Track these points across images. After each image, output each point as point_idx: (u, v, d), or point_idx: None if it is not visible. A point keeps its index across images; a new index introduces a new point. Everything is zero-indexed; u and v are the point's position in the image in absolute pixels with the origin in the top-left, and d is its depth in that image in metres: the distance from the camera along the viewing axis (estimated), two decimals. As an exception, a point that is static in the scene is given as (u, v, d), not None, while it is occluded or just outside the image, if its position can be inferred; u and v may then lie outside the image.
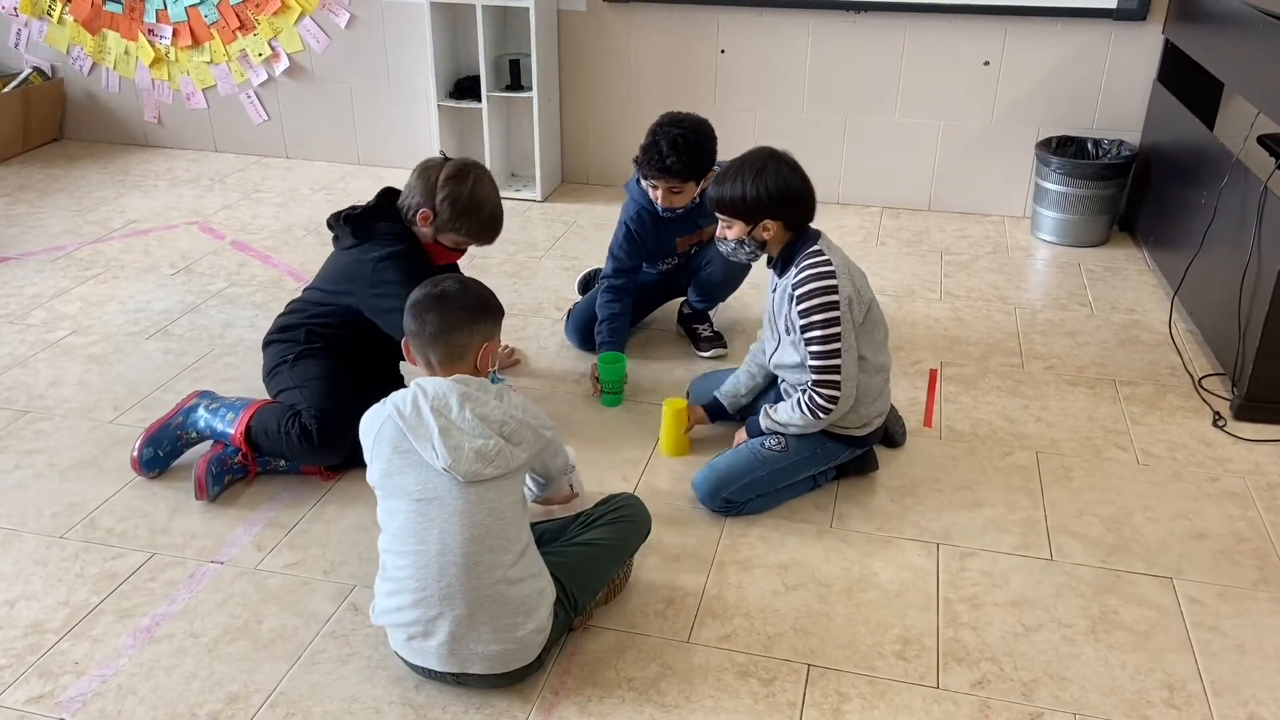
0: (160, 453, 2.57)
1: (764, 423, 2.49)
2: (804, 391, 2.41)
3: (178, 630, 2.12)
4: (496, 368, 2.24)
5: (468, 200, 2.57)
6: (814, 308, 2.33)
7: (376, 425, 1.91)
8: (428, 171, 2.61)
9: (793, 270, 2.39)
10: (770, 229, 2.38)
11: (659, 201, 2.98)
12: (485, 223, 2.63)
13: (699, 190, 2.99)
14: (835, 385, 2.36)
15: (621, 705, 1.94)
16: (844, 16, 4.21)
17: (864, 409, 2.46)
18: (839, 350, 2.34)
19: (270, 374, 2.68)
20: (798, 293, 2.35)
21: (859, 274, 2.43)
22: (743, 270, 3.17)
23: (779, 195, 2.35)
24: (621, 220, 3.10)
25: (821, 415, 2.39)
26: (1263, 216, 2.81)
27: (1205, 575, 2.30)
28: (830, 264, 2.34)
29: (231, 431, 2.53)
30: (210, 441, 2.60)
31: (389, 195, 2.68)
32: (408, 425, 1.85)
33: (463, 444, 1.83)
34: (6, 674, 2.00)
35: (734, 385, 2.73)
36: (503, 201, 2.70)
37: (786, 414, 2.44)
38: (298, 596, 2.21)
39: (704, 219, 3.10)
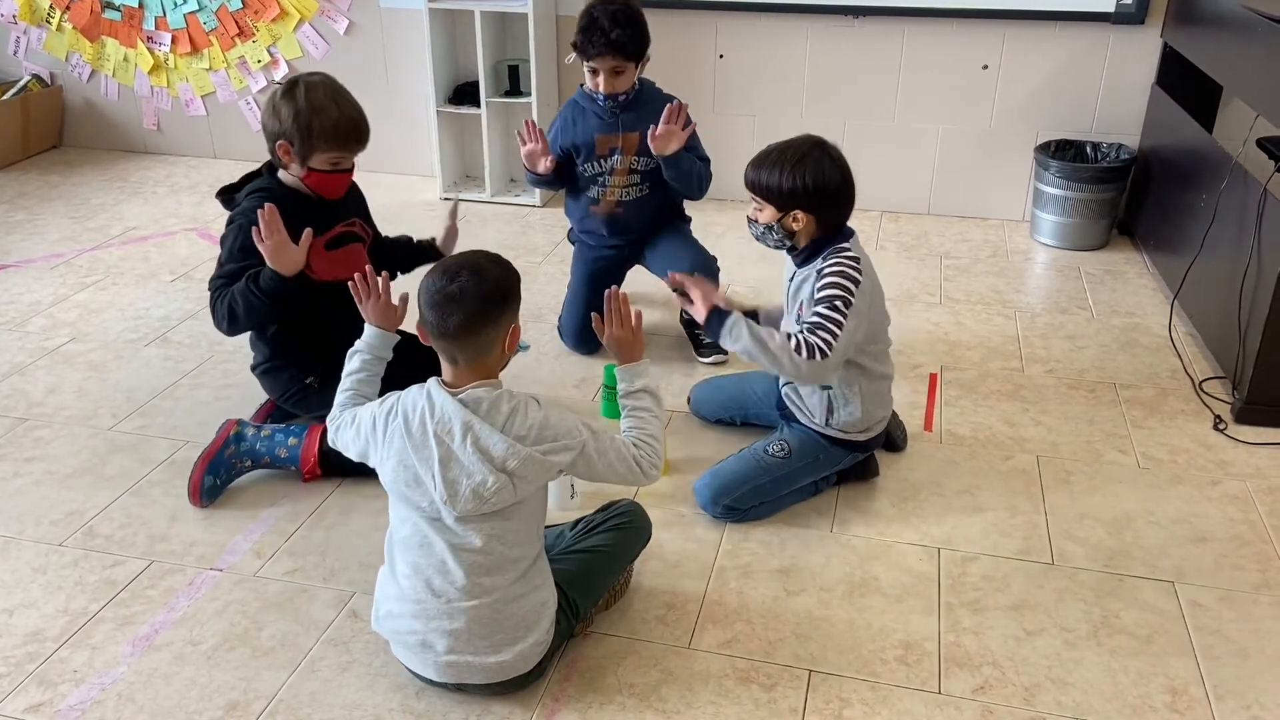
0: (219, 481, 2.54)
1: (730, 337, 2.29)
2: (798, 331, 2.29)
3: (177, 638, 2.11)
4: (520, 345, 2.10)
5: (307, 110, 2.39)
6: (834, 282, 2.28)
7: (384, 425, 1.85)
8: (267, 106, 2.45)
9: (819, 259, 2.35)
10: (800, 220, 2.34)
11: (601, 89, 2.87)
12: (338, 125, 2.42)
13: (638, 74, 2.90)
14: (828, 342, 2.23)
15: (622, 712, 1.93)
16: (843, 21, 4.21)
17: (872, 412, 2.46)
18: (842, 322, 2.25)
19: (292, 399, 2.67)
20: (823, 269, 2.32)
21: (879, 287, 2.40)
22: (709, 266, 3.12)
23: (815, 189, 2.30)
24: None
25: (800, 356, 2.22)
26: (1262, 219, 2.80)
27: (1207, 579, 2.29)
28: (858, 260, 2.33)
29: (300, 459, 2.55)
30: (216, 451, 2.54)
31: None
32: (413, 445, 1.81)
33: (460, 480, 1.77)
34: (5, 682, 2.00)
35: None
36: (355, 102, 2.48)
37: (764, 336, 2.27)
38: (297, 603, 2.20)
39: (627, 122, 2.97)
